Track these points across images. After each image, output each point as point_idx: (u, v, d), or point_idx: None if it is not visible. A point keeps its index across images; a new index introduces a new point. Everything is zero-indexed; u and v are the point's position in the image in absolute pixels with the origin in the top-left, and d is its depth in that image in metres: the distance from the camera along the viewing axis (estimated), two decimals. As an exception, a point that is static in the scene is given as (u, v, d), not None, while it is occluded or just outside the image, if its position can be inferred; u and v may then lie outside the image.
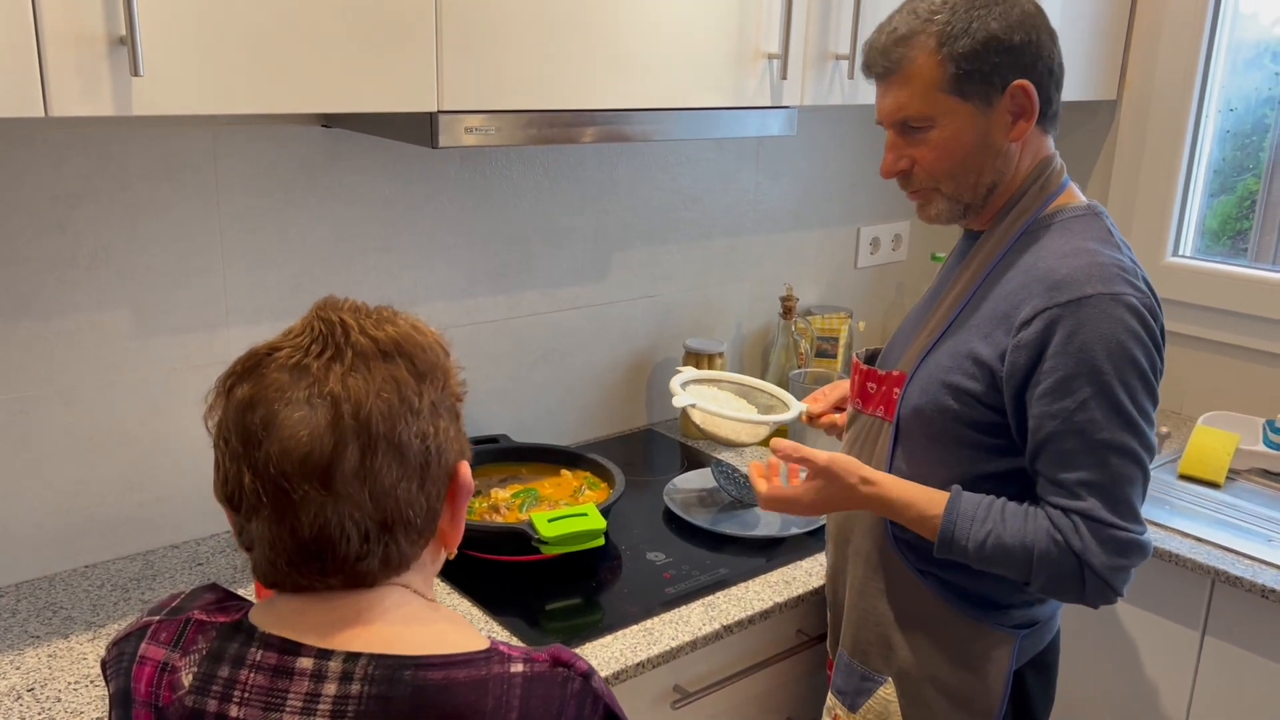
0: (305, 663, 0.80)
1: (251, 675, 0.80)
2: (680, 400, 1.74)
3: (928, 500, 1.30)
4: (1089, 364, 1.20)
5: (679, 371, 1.91)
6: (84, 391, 1.57)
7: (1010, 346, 1.25)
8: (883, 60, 1.30)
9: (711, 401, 1.83)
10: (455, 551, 0.93)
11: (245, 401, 0.80)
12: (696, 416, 1.78)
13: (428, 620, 0.85)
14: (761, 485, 1.40)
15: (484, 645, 0.83)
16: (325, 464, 0.78)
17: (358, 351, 0.82)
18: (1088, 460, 1.22)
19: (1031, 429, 1.25)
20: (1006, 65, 1.26)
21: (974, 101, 1.27)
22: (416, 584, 0.88)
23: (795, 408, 1.74)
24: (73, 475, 1.58)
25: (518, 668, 0.82)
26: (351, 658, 0.79)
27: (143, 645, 0.85)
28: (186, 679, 0.81)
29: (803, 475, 1.39)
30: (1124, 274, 1.23)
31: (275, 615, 0.84)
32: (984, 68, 1.25)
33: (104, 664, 0.90)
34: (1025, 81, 1.26)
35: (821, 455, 1.33)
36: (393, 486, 0.80)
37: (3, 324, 1.48)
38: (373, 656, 0.80)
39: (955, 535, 1.27)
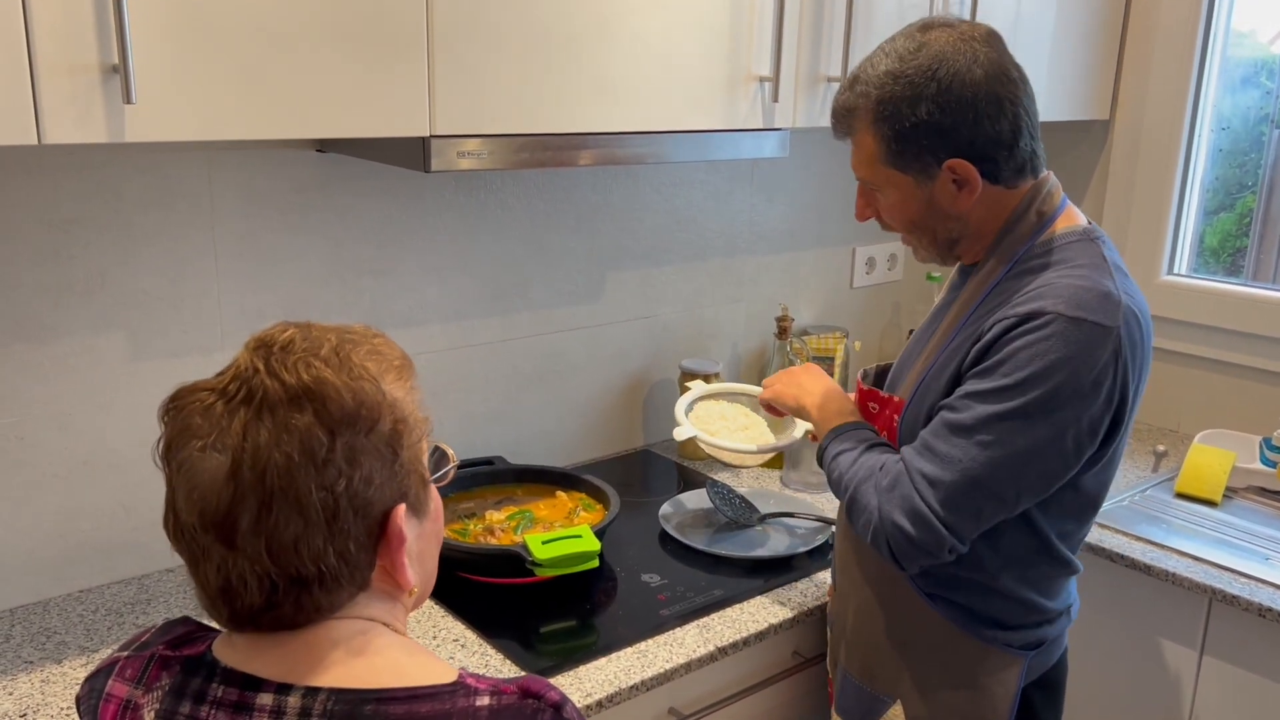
0: (265, 699, 0.79)
1: (212, 712, 0.79)
2: (683, 433, 1.73)
3: (837, 420, 1.43)
4: (1014, 366, 1.20)
5: (687, 389, 1.88)
6: (78, 415, 1.57)
7: (971, 355, 1.27)
8: (836, 125, 1.36)
9: (719, 420, 1.81)
10: (415, 598, 0.89)
11: (167, 443, 0.80)
12: (701, 443, 1.77)
13: (391, 652, 0.83)
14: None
15: (450, 678, 0.81)
16: (222, 518, 0.76)
17: (264, 397, 0.78)
18: (953, 438, 1.24)
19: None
20: (938, 146, 1.26)
21: (912, 174, 1.29)
22: (381, 615, 0.85)
23: (800, 427, 1.73)
24: (67, 500, 1.59)
25: (484, 700, 0.80)
26: (311, 693, 0.78)
27: (109, 682, 0.85)
28: (148, 716, 0.81)
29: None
30: (1102, 301, 1.20)
31: (235, 649, 0.82)
32: (914, 148, 1.27)
33: (78, 700, 0.89)
34: (958, 160, 1.26)
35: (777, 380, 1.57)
36: (294, 541, 0.77)
37: (-2, 349, 1.49)
38: (333, 691, 0.78)
39: (828, 446, 1.40)
